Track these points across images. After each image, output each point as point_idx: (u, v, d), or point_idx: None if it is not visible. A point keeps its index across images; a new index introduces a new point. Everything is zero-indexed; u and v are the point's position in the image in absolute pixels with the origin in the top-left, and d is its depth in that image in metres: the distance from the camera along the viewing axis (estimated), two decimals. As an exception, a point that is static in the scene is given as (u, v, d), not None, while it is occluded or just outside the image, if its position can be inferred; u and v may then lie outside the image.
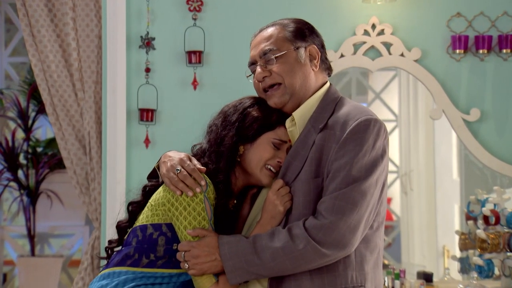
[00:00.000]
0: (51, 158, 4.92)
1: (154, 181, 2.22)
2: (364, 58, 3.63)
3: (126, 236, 2.17)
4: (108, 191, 3.65)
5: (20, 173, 4.91)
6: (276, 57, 2.16)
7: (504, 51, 3.60)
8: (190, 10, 3.66)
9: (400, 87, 4.21)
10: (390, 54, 3.62)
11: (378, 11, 3.62)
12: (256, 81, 2.20)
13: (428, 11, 3.64)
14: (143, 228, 2.10)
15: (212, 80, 3.67)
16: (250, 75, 2.27)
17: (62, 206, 4.97)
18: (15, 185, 4.93)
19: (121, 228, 2.24)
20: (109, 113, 3.66)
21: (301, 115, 2.16)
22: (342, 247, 2.00)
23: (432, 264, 4.07)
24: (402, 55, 3.62)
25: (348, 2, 3.64)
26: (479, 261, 3.31)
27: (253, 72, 2.22)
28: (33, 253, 4.87)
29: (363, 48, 3.63)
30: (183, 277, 2.10)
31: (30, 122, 4.97)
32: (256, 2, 3.67)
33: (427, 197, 4.22)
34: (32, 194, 4.85)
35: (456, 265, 3.70)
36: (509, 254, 3.30)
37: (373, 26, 3.61)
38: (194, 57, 3.63)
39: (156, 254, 2.08)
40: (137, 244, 2.10)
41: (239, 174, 2.18)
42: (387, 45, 3.63)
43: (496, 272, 3.35)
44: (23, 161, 4.98)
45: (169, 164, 2.11)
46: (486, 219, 3.37)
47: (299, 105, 2.18)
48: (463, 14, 3.63)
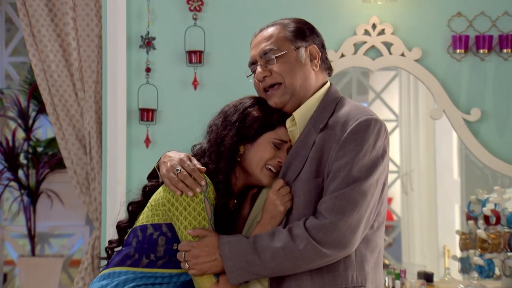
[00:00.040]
0: (52, 158, 4.91)
1: (154, 181, 2.22)
2: (364, 58, 3.63)
3: (126, 236, 2.17)
4: (108, 191, 3.64)
5: (20, 173, 4.91)
6: (276, 57, 2.16)
7: (504, 51, 3.59)
8: (191, 10, 3.66)
9: (401, 87, 4.21)
10: (390, 54, 3.62)
11: (379, 11, 3.62)
12: (257, 81, 2.20)
13: (428, 11, 3.63)
14: (143, 228, 2.10)
15: (213, 80, 3.66)
16: (250, 75, 2.27)
17: (63, 206, 4.96)
18: (15, 185, 4.92)
19: (121, 228, 2.24)
20: (110, 113, 3.65)
21: (301, 115, 2.16)
22: (342, 247, 1.99)
23: (432, 264, 4.06)
24: (402, 55, 3.61)
25: (348, 2, 3.64)
26: (480, 261, 3.31)
27: (254, 72, 2.22)
28: (33, 253, 4.87)
29: (364, 48, 3.62)
30: (183, 277, 2.10)
31: (30, 122, 4.96)
32: (256, 2, 3.67)
33: (428, 197, 4.21)
34: (32, 194, 4.85)
35: (456, 265, 3.69)
36: (510, 254, 3.29)
37: (374, 26, 3.61)
38: (195, 57, 3.62)
39: (156, 254, 2.08)
40: (137, 244, 2.10)
41: (240, 174, 2.18)
42: (388, 45, 3.62)
43: (497, 272, 3.35)
44: (23, 161, 4.97)
45: (169, 164, 2.11)
46: (487, 219, 3.37)
47: (299, 105, 2.18)
48: (464, 14, 3.62)
